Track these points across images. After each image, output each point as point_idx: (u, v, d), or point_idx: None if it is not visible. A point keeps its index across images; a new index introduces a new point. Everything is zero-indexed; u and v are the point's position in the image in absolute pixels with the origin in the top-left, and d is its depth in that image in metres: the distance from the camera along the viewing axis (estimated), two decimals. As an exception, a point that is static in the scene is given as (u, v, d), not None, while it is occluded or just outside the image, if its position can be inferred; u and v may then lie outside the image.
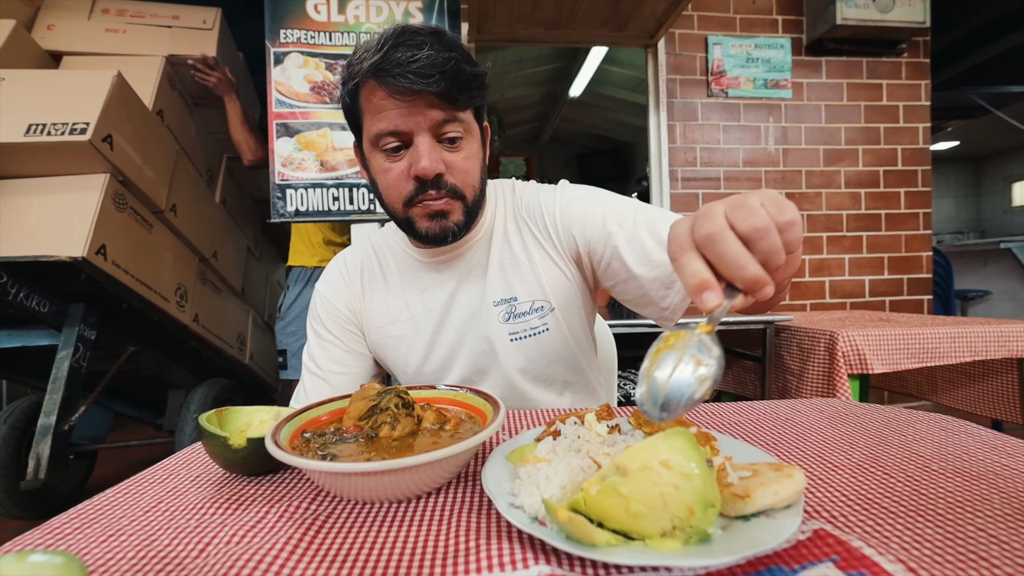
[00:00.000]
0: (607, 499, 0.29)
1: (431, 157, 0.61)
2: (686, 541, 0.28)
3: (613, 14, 2.22)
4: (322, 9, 1.76)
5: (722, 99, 2.44)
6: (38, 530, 0.36)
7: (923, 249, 2.57)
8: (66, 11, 2.01)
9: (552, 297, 0.73)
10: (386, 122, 0.61)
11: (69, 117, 1.46)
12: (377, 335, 0.77)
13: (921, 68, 2.54)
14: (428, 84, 0.57)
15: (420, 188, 0.64)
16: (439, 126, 0.62)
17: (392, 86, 0.58)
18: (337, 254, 0.84)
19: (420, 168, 0.61)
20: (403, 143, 0.62)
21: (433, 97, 0.59)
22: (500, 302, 0.73)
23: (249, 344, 2.37)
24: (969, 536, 0.30)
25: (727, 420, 0.57)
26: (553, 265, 0.74)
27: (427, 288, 0.75)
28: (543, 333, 0.73)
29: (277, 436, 0.40)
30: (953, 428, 0.51)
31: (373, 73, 0.59)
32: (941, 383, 1.84)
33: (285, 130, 1.73)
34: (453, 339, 0.74)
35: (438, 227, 0.66)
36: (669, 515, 0.27)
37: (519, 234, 0.75)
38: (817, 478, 0.40)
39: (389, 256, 0.79)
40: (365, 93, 0.62)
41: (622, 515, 0.28)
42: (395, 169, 0.64)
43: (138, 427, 2.44)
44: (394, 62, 0.57)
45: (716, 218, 0.33)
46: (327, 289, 0.80)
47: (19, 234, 1.44)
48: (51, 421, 1.41)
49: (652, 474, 0.28)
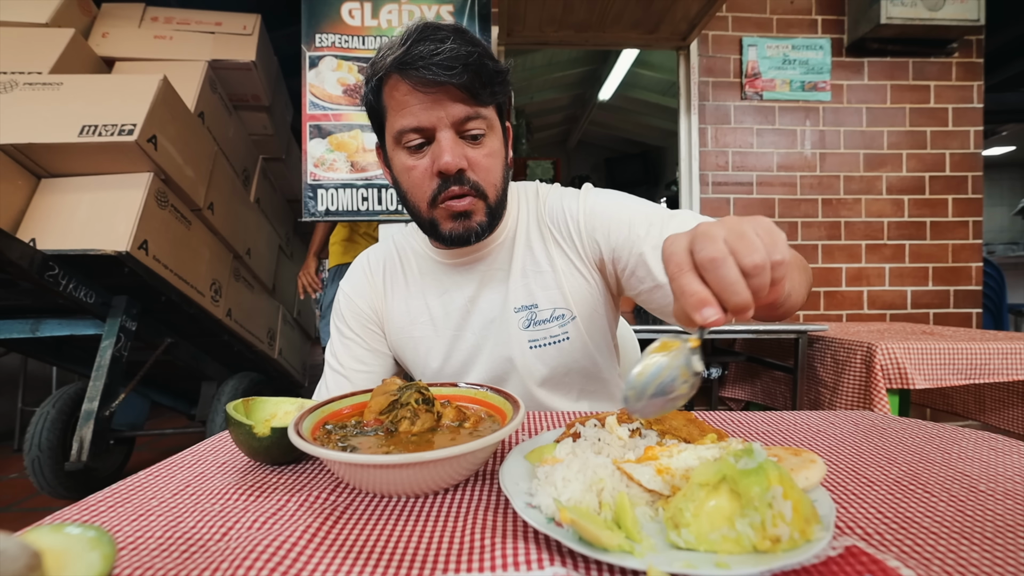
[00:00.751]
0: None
1: (453, 152, 0.61)
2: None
3: (645, 16, 2.20)
4: (356, 14, 1.81)
5: (756, 102, 2.38)
6: (75, 507, 0.38)
7: (972, 259, 2.43)
8: (119, 19, 2.13)
9: (574, 305, 0.72)
10: (409, 118, 0.61)
11: (118, 119, 1.54)
12: (397, 335, 0.78)
13: (974, 68, 2.41)
14: (451, 76, 0.57)
15: (443, 185, 0.63)
16: (462, 122, 0.61)
17: (415, 79, 0.58)
18: (362, 253, 0.84)
19: (443, 163, 0.60)
20: (426, 139, 0.62)
21: (456, 91, 0.59)
22: (521, 308, 0.72)
23: (279, 340, 2.44)
24: (1021, 563, 0.28)
25: (755, 430, 0.55)
26: (576, 272, 0.73)
27: (447, 291, 0.75)
28: (563, 342, 0.72)
29: (300, 426, 0.41)
30: (1004, 448, 0.48)
31: (396, 67, 0.59)
32: (990, 402, 1.72)
33: (318, 131, 1.78)
34: (473, 343, 0.74)
35: (461, 227, 0.65)
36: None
37: (542, 240, 0.74)
38: (850, 493, 0.38)
39: (411, 257, 0.79)
40: (388, 89, 0.62)
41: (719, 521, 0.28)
42: (418, 167, 0.63)
43: (173, 416, 2.55)
44: (417, 55, 0.57)
45: (718, 243, 0.34)
46: (350, 288, 0.80)
47: (70, 229, 1.52)
48: (94, 407, 1.48)
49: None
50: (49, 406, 1.74)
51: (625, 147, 5.91)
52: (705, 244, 0.34)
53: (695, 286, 0.34)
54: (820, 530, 0.27)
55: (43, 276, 1.32)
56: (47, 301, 1.49)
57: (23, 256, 1.27)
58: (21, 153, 1.53)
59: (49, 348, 1.78)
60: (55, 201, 1.58)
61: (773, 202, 2.40)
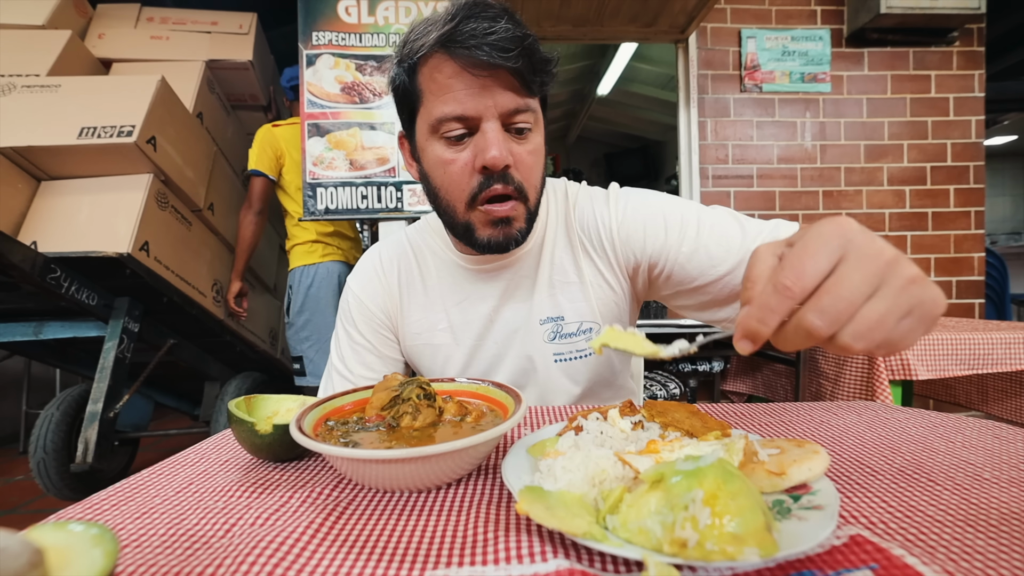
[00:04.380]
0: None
1: (501, 146, 0.54)
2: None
3: (643, 9, 2.18)
4: (353, 11, 1.80)
5: (756, 94, 2.37)
6: (79, 505, 0.38)
7: (975, 250, 2.42)
8: (115, 20, 2.13)
9: (601, 318, 0.69)
10: (453, 104, 0.54)
11: (117, 120, 1.54)
12: (413, 342, 0.73)
13: (975, 57, 2.39)
14: (506, 59, 0.51)
15: (484, 182, 0.56)
16: (511, 113, 0.55)
17: (466, 59, 0.51)
18: (371, 249, 0.78)
19: (489, 157, 0.54)
20: (468, 130, 0.56)
21: (508, 77, 0.53)
22: (547, 320, 0.68)
23: (280, 339, 2.45)
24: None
25: (757, 421, 0.55)
26: (605, 284, 0.69)
27: (469, 297, 0.70)
28: (590, 356, 0.69)
29: (301, 423, 0.41)
30: (1008, 436, 0.48)
31: (443, 44, 0.52)
32: (993, 392, 1.72)
33: (316, 130, 1.78)
34: (494, 353, 0.70)
35: (501, 235, 0.59)
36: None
37: (571, 249, 0.69)
38: (854, 483, 0.38)
39: (429, 258, 0.72)
40: (428, 70, 0.55)
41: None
42: (457, 161, 0.56)
43: (176, 417, 2.56)
44: (468, 33, 0.51)
45: (796, 273, 0.30)
46: (361, 289, 0.74)
47: (71, 231, 1.53)
48: (98, 408, 1.49)
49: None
50: (53, 408, 1.75)
51: (625, 142, 5.89)
52: (783, 269, 0.30)
53: (756, 320, 0.31)
54: (752, 553, 0.24)
55: (45, 279, 1.33)
56: (49, 304, 1.50)
57: (25, 259, 1.27)
58: (21, 156, 1.53)
59: (52, 350, 1.79)
60: (56, 204, 1.58)
61: (774, 195, 2.39)
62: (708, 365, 2.05)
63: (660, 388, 1.65)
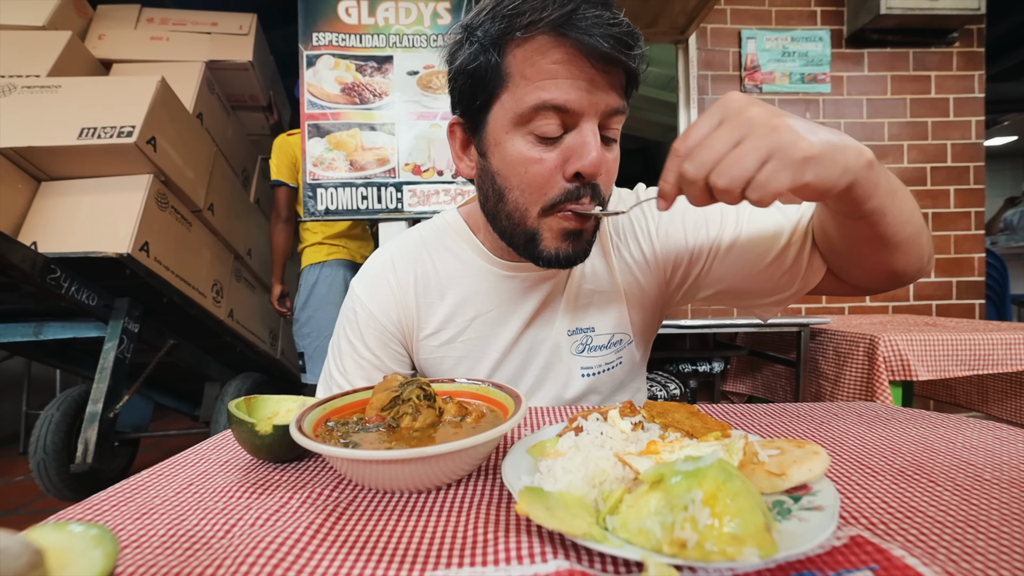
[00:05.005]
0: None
1: (600, 152, 0.49)
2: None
3: (643, 10, 2.18)
4: (353, 12, 1.80)
5: (756, 95, 2.37)
6: (79, 506, 0.38)
7: (975, 250, 2.42)
8: (115, 21, 2.13)
9: (631, 328, 0.66)
10: (556, 92, 0.47)
11: (117, 121, 1.54)
12: (430, 354, 0.67)
13: (975, 58, 2.39)
14: (628, 57, 0.47)
15: (573, 192, 0.51)
16: (610, 115, 0.50)
17: (585, 46, 0.46)
18: (380, 252, 0.71)
19: (589, 162, 0.49)
20: (563, 128, 0.50)
21: (619, 75, 0.49)
22: (576, 332, 0.65)
23: (281, 339, 2.45)
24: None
25: (757, 422, 0.55)
26: (639, 290, 0.66)
27: (497, 308, 0.65)
28: (616, 368, 0.67)
29: (301, 423, 0.41)
30: (1008, 437, 0.48)
31: (558, 25, 0.46)
32: (993, 393, 1.72)
33: (316, 131, 1.78)
34: (518, 363, 0.66)
35: (571, 248, 0.54)
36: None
37: (604, 257, 0.66)
38: (855, 483, 0.38)
39: (450, 261, 0.66)
40: (526, 52, 0.48)
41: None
42: (545, 161, 0.50)
43: (177, 418, 2.56)
44: (588, 18, 0.45)
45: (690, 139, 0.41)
46: (370, 298, 0.66)
47: (71, 231, 1.53)
48: (98, 408, 1.49)
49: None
50: (53, 409, 1.75)
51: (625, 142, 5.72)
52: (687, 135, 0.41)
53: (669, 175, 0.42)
54: (752, 554, 0.24)
55: (45, 279, 1.33)
56: (49, 304, 1.50)
57: (25, 259, 1.27)
58: (21, 156, 1.53)
59: (52, 351, 1.79)
60: (56, 204, 1.58)
61: (774, 195, 2.39)
62: (708, 366, 2.05)
63: (660, 388, 1.65)
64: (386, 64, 1.81)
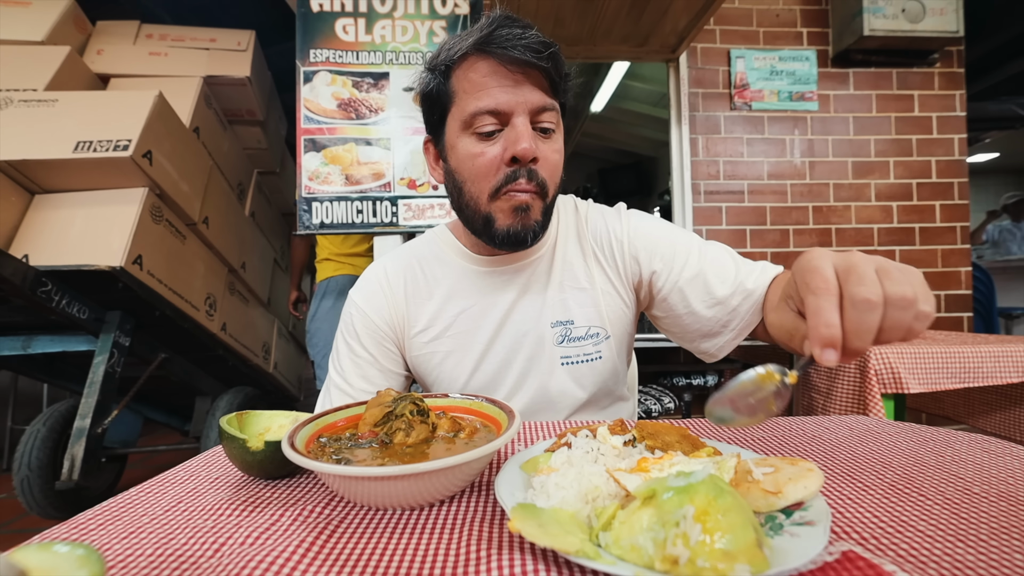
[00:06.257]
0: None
1: (530, 139, 0.59)
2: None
3: (635, 30, 2.24)
4: (350, 29, 1.83)
5: (745, 112, 2.42)
6: (64, 525, 0.37)
7: (961, 264, 2.46)
8: (114, 37, 2.15)
9: (609, 324, 0.71)
10: (487, 99, 0.58)
11: (113, 135, 1.55)
12: (420, 351, 0.72)
13: (955, 78, 2.46)
14: (539, 59, 0.57)
15: (511, 175, 0.60)
16: (538, 111, 0.60)
17: (502, 57, 0.57)
18: (375, 264, 0.78)
19: (520, 148, 0.58)
20: (500, 125, 0.60)
21: (539, 76, 0.59)
22: (557, 323, 0.70)
23: (274, 353, 2.43)
24: (1017, 564, 0.28)
25: (749, 436, 0.55)
26: (614, 292, 0.72)
27: (479, 302, 0.71)
28: (595, 360, 0.71)
29: (293, 440, 0.40)
30: (997, 450, 0.48)
31: (479, 47, 0.58)
32: (978, 405, 1.73)
33: (312, 145, 1.79)
34: (503, 356, 0.71)
35: (520, 224, 0.62)
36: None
37: (582, 256, 0.73)
38: (846, 498, 0.38)
39: (437, 267, 0.73)
40: (462, 71, 0.60)
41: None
42: (487, 154, 0.60)
43: (166, 433, 2.52)
44: (503, 36, 0.57)
45: (874, 287, 0.34)
46: (364, 302, 0.73)
47: (63, 244, 1.52)
48: (86, 424, 1.46)
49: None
50: (39, 424, 1.71)
51: (618, 158, 5.96)
52: (861, 282, 0.34)
53: (833, 317, 0.34)
54: (743, 570, 0.24)
55: (36, 292, 1.31)
56: (39, 317, 1.48)
57: (15, 272, 1.26)
58: (15, 170, 1.53)
59: (40, 365, 1.76)
60: (49, 217, 1.58)
61: (764, 210, 2.42)
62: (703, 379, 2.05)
63: (655, 402, 1.65)
64: (382, 80, 1.84)
